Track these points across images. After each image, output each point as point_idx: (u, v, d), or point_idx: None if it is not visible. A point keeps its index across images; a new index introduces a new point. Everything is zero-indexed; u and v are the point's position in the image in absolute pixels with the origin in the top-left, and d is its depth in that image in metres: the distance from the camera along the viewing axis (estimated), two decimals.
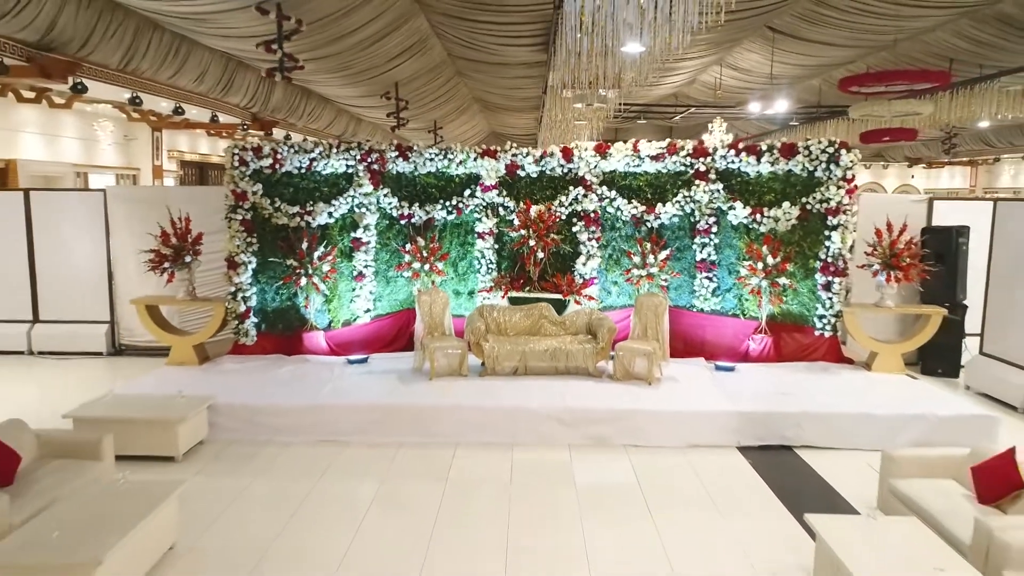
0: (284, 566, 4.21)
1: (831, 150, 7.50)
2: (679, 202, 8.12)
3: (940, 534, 3.95)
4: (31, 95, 11.52)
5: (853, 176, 7.47)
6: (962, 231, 8.48)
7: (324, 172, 7.98)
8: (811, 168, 7.60)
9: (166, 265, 7.44)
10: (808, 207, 7.61)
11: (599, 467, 5.75)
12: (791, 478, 5.54)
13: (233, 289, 7.66)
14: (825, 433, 6.10)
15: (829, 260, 7.52)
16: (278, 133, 19.64)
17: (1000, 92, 13.63)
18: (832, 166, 7.49)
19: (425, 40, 13.17)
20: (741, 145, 7.99)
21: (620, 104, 16.17)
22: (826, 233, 7.54)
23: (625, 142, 8.44)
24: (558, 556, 4.35)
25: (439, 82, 16.98)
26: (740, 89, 19.30)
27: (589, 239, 8.23)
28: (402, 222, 8.35)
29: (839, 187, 7.43)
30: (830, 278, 7.53)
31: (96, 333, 9.36)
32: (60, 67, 9.38)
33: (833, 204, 7.47)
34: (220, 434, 6.21)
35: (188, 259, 7.45)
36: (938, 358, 8.64)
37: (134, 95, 11.77)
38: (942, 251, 8.52)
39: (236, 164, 7.67)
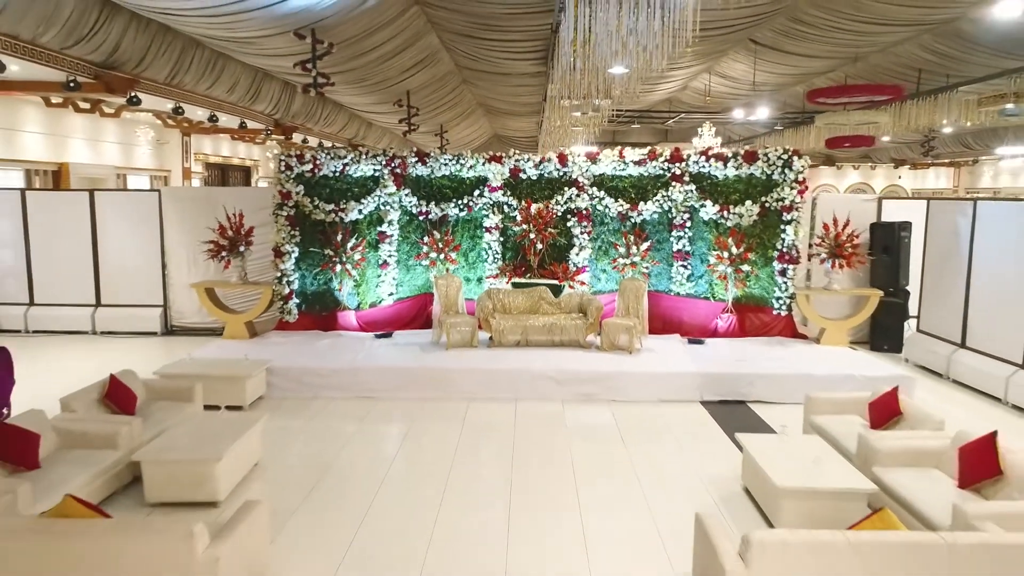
0: (341, 480, 5.54)
1: (786, 157, 8.84)
2: (658, 201, 9.46)
3: (837, 448, 5.28)
4: (86, 106, 12.87)
5: (804, 179, 8.80)
6: (904, 226, 9.81)
7: (355, 175, 9.33)
8: (769, 172, 8.94)
9: (223, 254, 8.79)
10: (767, 205, 8.95)
11: (586, 415, 7.09)
12: (740, 422, 6.86)
13: (279, 274, 9.02)
14: (773, 390, 7.43)
15: (784, 250, 8.86)
16: (296, 137, 20.99)
17: (957, 101, 14.92)
18: (787, 170, 8.83)
19: (435, 53, 14.50)
20: (711, 152, 9.32)
21: (615, 111, 17.49)
22: (782, 227, 8.88)
23: (613, 148, 9.77)
24: (551, 469, 5.68)
25: (446, 90, 18.30)
26: (728, 95, 20.61)
27: (581, 233, 9.56)
28: (420, 218, 9.69)
29: (792, 188, 8.77)
30: (785, 265, 8.87)
31: (151, 315, 10.70)
32: (122, 83, 10.75)
33: (787, 202, 8.81)
34: (275, 392, 7.56)
35: (242, 249, 8.80)
36: (884, 336, 9.98)
37: (177, 105, 13.10)
38: (888, 243, 9.87)
39: (283, 169, 9.04)
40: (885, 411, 5.51)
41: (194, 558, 3.36)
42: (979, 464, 4.35)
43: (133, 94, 11.32)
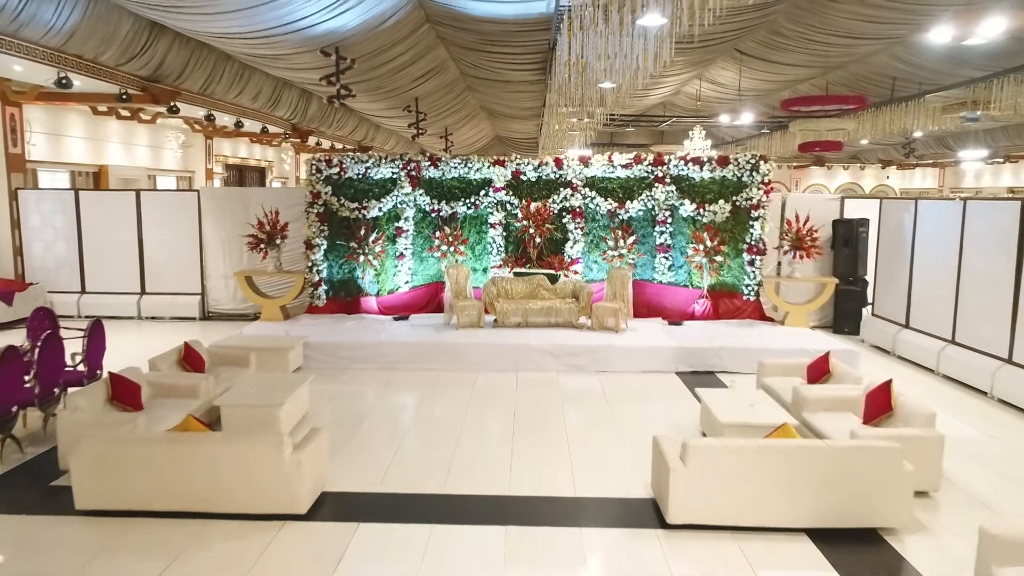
0: (375, 427, 6.79)
1: (753, 161, 10.09)
2: (643, 200, 10.71)
3: (778, 400, 6.52)
4: (126, 114, 14.13)
5: (770, 180, 10.05)
6: (862, 222, 11.04)
7: (375, 177, 10.59)
8: (739, 175, 10.19)
9: (262, 246, 10.04)
10: (737, 203, 10.20)
11: (576, 382, 8.33)
12: (706, 386, 8.05)
13: (310, 264, 10.29)
14: (737, 361, 8.67)
15: (752, 243, 10.11)
16: (311, 140, 22.20)
17: (924, 108, 16.13)
18: (754, 173, 10.09)
19: (443, 63, 15.74)
20: (689, 157, 10.56)
21: (610, 116, 18.73)
22: (750, 223, 10.13)
23: (605, 152, 11.02)
24: (546, 420, 6.93)
25: (452, 95, 19.55)
26: (718, 100, 21.83)
27: (575, 228, 10.81)
28: (433, 215, 10.93)
29: (759, 188, 10.02)
30: (753, 256, 10.12)
31: (190, 302, 11.95)
32: (165, 94, 12.02)
33: (755, 201, 10.06)
34: (311, 363, 8.80)
35: (278, 242, 10.05)
36: (845, 320, 11.21)
37: (209, 112, 14.36)
38: (848, 238, 11.10)
39: (313, 172, 10.29)
40: (818, 371, 6.76)
41: (283, 459, 4.61)
42: (877, 404, 5.59)
43: (173, 103, 12.61)
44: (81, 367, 6.78)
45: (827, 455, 4.50)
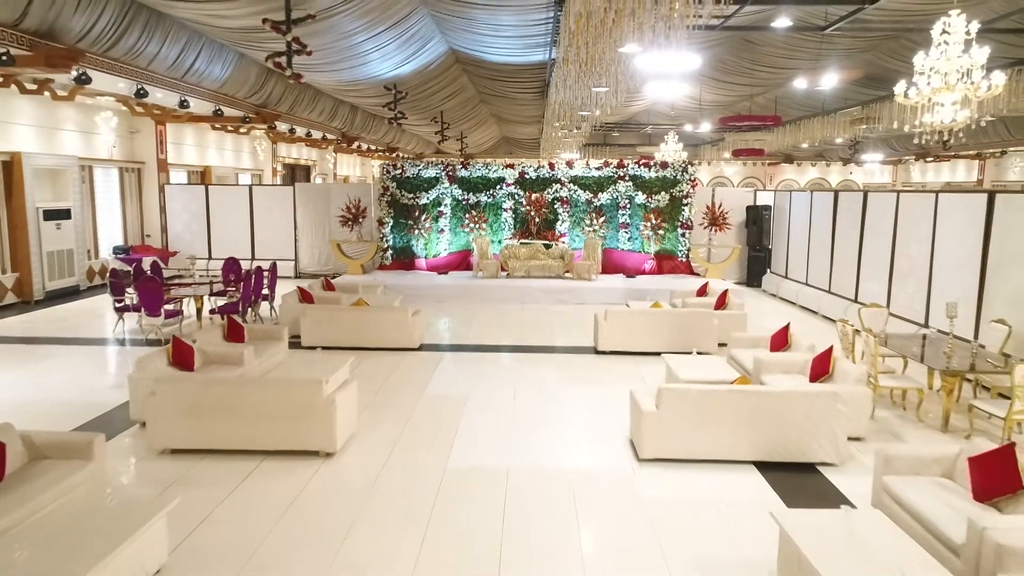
0: (440, 324, 11.48)
1: (684, 164, 14.74)
2: (610, 192, 15.35)
3: (674, 306, 11.18)
4: (231, 129, 18.83)
5: (696, 178, 14.69)
6: (766, 207, 15.70)
7: (425, 176, 15.27)
8: (675, 174, 14.86)
9: (349, 222, 14.75)
10: (673, 194, 14.85)
11: (560, 309, 13.02)
12: None
13: (381, 236, 14.99)
14: (663, 296, 13.31)
15: (683, 221, 14.77)
16: (352, 145, 26.70)
17: (839, 120, 20.70)
18: (685, 173, 14.74)
19: (464, 86, 20.36)
20: (641, 161, 15.20)
21: (596, 125, 23.35)
22: (682, 207, 14.79)
23: (595, 153, 15.66)
24: (540, 323, 11.61)
25: (468, 107, 24.17)
26: (688, 109, 26.44)
27: (563, 212, 15.46)
28: (463, 202, 15.59)
29: (687, 184, 14.68)
30: (684, 230, 14.79)
31: (287, 265, 16.64)
32: (270, 116, 16.70)
33: (685, 192, 14.72)
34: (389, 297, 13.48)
35: (360, 220, 14.76)
36: (754, 278, 15.88)
37: (291, 127, 19.02)
38: (756, 218, 15.76)
39: (384, 172, 14.99)
40: (701, 293, 11.44)
41: (408, 320, 9.30)
42: (720, 301, 10.24)
43: (273, 123, 17.30)
44: (266, 290, 11.51)
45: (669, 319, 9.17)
